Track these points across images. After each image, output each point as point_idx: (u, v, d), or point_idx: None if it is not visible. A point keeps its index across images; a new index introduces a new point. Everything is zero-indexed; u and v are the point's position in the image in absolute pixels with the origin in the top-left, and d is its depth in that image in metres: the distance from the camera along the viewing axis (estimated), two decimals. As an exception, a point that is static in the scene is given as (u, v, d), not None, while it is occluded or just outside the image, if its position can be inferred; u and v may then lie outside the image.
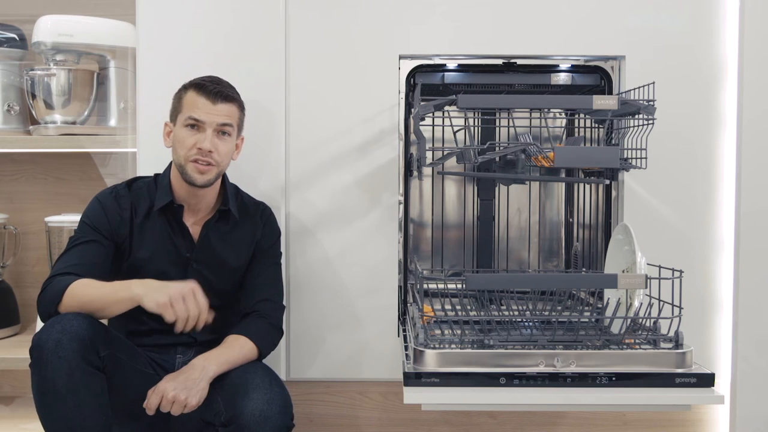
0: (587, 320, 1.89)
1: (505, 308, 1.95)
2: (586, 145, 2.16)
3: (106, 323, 1.73)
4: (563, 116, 2.31)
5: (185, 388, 1.62)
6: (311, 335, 2.14)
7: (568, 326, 1.65)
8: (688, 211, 2.12)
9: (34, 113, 2.37)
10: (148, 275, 1.81)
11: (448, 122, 1.90)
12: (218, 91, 1.82)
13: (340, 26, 2.12)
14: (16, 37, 2.45)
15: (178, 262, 1.86)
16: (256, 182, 2.10)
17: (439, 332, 1.68)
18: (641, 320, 1.66)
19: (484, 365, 1.52)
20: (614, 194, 2.13)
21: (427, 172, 2.35)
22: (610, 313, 1.72)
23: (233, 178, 1.99)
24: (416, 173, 2.23)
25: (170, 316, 1.60)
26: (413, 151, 2.11)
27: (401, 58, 2.12)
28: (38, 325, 1.67)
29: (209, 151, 1.80)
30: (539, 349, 1.55)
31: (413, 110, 2.01)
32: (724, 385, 2.12)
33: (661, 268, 1.65)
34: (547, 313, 1.91)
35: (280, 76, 2.12)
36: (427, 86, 2.14)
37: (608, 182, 2.11)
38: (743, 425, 2.10)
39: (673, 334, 1.58)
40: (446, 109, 1.81)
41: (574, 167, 2.09)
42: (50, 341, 1.55)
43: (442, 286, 2.14)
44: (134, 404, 1.65)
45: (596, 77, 2.16)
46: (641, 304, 1.65)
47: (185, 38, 2.12)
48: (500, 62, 2.15)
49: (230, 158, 1.88)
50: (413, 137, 2.06)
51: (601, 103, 1.66)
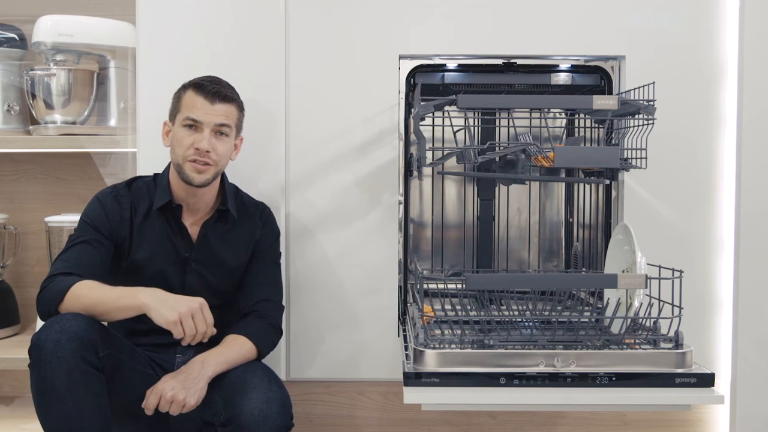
0: (587, 320, 1.89)
1: (505, 308, 1.95)
2: (586, 145, 2.16)
3: (105, 323, 1.73)
4: (563, 116, 2.31)
5: (184, 387, 1.62)
6: (311, 335, 2.14)
7: (568, 326, 1.65)
8: (688, 211, 2.12)
9: (34, 113, 2.37)
10: (147, 275, 1.81)
11: (448, 122, 1.90)
12: (217, 91, 1.82)
13: (340, 26, 2.12)
14: (16, 37, 2.45)
15: (176, 261, 1.86)
16: (256, 182, 2.10)
17: (439, 332, 1.68)
18: (641, 320, 1.66)
19: (484, 365, 1.52)
20: (614, 194, 2.13)
21: (427, 172, 2.35)
22: (610, 313, 1.72)
23: (233, 178, 1.99)
24: (416, 173, 2.23)
25: (179, 333, 1.60)
26: (413, 151, 2.11)
27: (401, 58, 2.12)
28: (38, 325, 1.67)
29: (207, 151, 1.80)
30: (539, 349, 1.55)
31: (413, 110, 2.01)
32: (724, 385, 2.12)
33: (661, 268, 1.64)
34: (547, 313, 1.91)
35: (280, 76, 2.12)
36: (427, 86, 2.14)
37: (608, 182, 2.11)
38: (743, 425, 2.10)
39: (673, 334, 1.58)
40: (446, 109, 1.81)
41: (574, 167, 2.09)
42: (49, 341, 1.55)
43: (442, 286, 2.13)
44: (133, 404, 1.65)
45: (596, 77, 2.16)
46: (641, 304, 1.65)
47: (185, 38, 2.12)
48: (500, 62, 2.15)
49: (228, 158, 1.87)
50: (413, 137, 2.06)
51: (601, 103, 1.66)
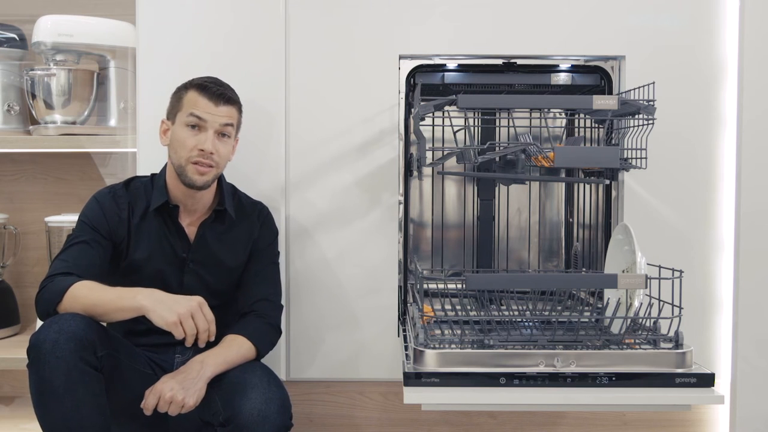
0: (587, 320, 1.89)
1: (505, 308, 1.95)
2: (586, 145, 2.16)
3: (104, 323, 1.73)
4: (563, 116, 2.31)
5: (183, 388, 1.62)
6: (311, 335, 2.14)
7: (568, 326, 1.65)
8: (688, 211, 2.11)
9: (34, 113, 2.37)
10: (145, 275, 1.81)
11: (448, 122, 1.89)
12: (221, 93, 1.82)
13: (340, 26, 2.12)
14: (16, 37, 2.45)
15: (174, 262, 1.86)
16: (255, 182, 2.10)
17: (439, 332, 1.68)
18: (641, 320, 1.66)
19: (484, 365, 1.52)
20: (614, 194, 2.13)
21: (427, 172, 2.34)
22: (610, 313, 1.72)
23: (233, 178, 1.99)
24: (416, 173, 2.23)
25: (179, 334, 1.59)
26: (413, 151, 2.11)
27: (401, 58, 2.12)
28: (38, 325, 1.67)
29: (210, 152, 1.80)
30: (539, 349, 1.55)
31: (413, 110, 2.01)
32: (724, 385, 2.12)
33: (661, 268, 1.64)
34: (547, 313, 1.91)
35: (280, 76, 2.12)
36: (427, 86, 2.14)
37: (608, 182, 2.11)
38: (743, 425, 2.10)
39: (673, 334, 1.58)
40: (446, 109, 1.81)
41: (574, 167, 2.09)
42: (48, 341, 1.55)
43: (442, 286, 2.13)
44: (132, 404, 1.65)
45: (596, 77, 2.16)
46: (641, 304, 1.64)
47: (185, 38, 2.12)
48: (500, 62, 2.15)
49: (228, 160, 1.87)
50: (413, 137, 2.06)
51: (601, 103, 1.66)
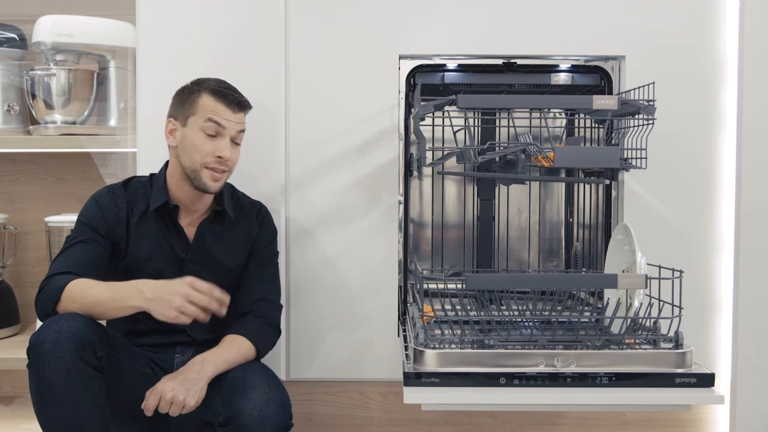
0: (587, 320, 1.89)
1: (505, 308, 1.94)
2: (586, 145, 2.16)
3: (104, 323, 1.73)
4: (563, 116, 2.31)
5: (183, 388, 1.62)
6: (311, 335, 2.14)
7: (568, 326, 1.65)
8: (688, 211, 2.11)
9: (34, 113, 2.37)
10: (144, 275, 1.80)
11: (448, 122, 1.89)
12: (239, 100, 1.84)
13: (340, 26, 2.11)
14: (16, 37, 2.45)
15: (173, 262, 1.86)
16: (256, 182, 2.10)
17: (439, 332, 1.68)
18: (641, 320, 1.66)
19: (484, 365, 1.52)
20: (614, 194, 2.13)
21: (427, 172, 2.34)
22: (610, 313, 1.72)
23: (233, 178, 1.99)
24: (416, 173, 2.23)
25: (186, 321, 1.61)
26: (413, 151, 2.11)
27: (401, 58, 2.12)
28: (38, 325, 1.67)
29: (227, 159, 1.81)
30: (539, 349, 1.55)
31: (413, 110, 2.01)
32: (724, 385, 2.12)
33: (661, 268, 1.64)
34: (547, 313, 1.91)
35: (280, 76, 2.12)
36: (427, 86, 2.14)
37: (608, 182, 2.11)
38: (743, 425, 2.10)
39: (673, 334, 1.58)
40: (446, 109, 1.81)
41: (574, 167, 2.09)
42: (47, 341, 1.55)
43: (442, 286, 2.13)
44: (133, 404, 1.65)
45: (596, 77, 2.16)
46: (641, 304, 1.64)
47: (185, 38, 2.12)
48: (500, 62, 2.15)
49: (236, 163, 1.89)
50: (413, 137, 2.06)
51: (601, 103, 1.66)
